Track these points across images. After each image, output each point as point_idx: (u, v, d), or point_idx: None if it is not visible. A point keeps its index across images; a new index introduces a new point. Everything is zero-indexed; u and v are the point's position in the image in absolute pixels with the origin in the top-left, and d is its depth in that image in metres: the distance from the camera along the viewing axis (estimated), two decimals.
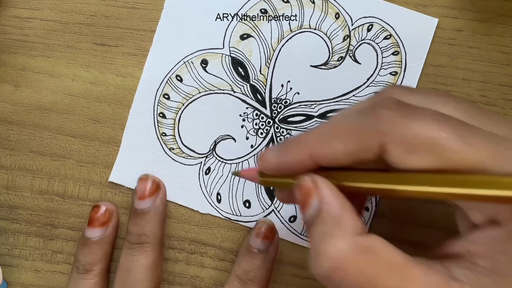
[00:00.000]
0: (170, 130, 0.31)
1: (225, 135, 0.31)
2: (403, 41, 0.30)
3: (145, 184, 0.30)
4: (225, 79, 0.31)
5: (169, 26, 0.31)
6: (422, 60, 0.30)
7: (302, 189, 0.22)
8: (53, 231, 0.31)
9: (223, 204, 0.31)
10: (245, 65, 0.31)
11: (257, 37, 0.30)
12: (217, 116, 0.31)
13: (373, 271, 0.20)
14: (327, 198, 0.21)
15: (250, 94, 0.31)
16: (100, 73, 0.31)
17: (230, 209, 0.31)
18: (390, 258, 0.20)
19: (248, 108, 0.31)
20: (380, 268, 0.20)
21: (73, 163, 0.31)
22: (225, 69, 0.31)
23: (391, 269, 0.20)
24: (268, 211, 0.31)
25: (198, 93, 0.31)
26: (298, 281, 0.31)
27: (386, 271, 0.20)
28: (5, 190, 0.31)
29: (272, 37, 0.30)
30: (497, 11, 0.30)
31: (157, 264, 0.29)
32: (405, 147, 0.19)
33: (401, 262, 0.20)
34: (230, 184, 0.31)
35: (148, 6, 0.31)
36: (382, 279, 0.19)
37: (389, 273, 0.19)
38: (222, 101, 0.31)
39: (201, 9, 0.30)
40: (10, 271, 0.31)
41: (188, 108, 0.31)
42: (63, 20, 0.31)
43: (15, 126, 0.31)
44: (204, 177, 0.31)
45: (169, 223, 0.31)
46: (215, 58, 0.31)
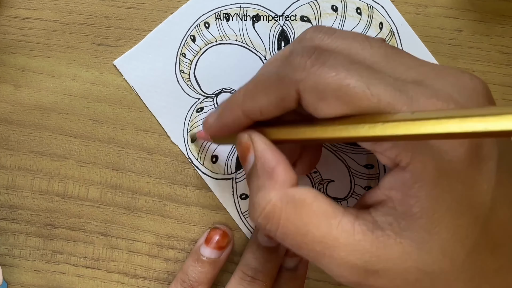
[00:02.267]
0: (191, 55, 0.31)
1: (233, 89, 0.31)
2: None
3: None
4: (265, 44, 0.31)
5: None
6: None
7: (241, 145, 0.24)
8: (53, 231, 0.31)
9: (193, 145, 0.31)
10: (288, 39, 0.31)
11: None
12: (237, 70, 0.31)
13: (301, 220, 0.21)
14: (261, 152, 0.22)
15: None
16: (100, 73, 0.31)
17: (198, 156, 0.31)
18: (319, 209, 0.21)
19: None
20: (307, 218, 0.21)
21: (73, 163, 0.31)
22: (270, 36, 0.31)
23: (318, 218, 0.21)
24: (227, 176, 0.31)
25: (235, 41, 0.31)
26: None
27: (314, 220, 0.21)
28: (5, 190, 0.31)
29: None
30: (497, 11, 0.30)
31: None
32: (316, 94, 0.20)
33: (329, 212, 0.21)
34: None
35: (148, 6, 0.31)
36: (309, 228, 0.21)
37: (316, 222, 0.21)
38: (250, 60, 0.31)
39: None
40: (10, 271, 0.31)
41: (213, 51, 0.31)
42: (63, 20, 0.31)
43: (15, 126, 0.31)
44: (193, 114, 0.31)
45: (169, 223, 0.31)
46: (268, 20, 0.31)
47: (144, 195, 0.31)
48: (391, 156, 0.20)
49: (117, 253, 0.31)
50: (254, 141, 0.23)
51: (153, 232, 0.31)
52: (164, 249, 0.31)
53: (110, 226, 0.31)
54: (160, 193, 0.31)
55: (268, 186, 0.22)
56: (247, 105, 0.23)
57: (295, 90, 0.21)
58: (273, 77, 0.22)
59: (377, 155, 0.21)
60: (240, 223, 0.31)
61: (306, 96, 0.21)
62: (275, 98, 0.22)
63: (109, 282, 0.31)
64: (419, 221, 0.20)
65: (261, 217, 0.22)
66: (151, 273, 0.31)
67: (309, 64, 0.21)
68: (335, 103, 0.20)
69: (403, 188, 0.20)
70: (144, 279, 0.31)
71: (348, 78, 0.20)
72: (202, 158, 0.31)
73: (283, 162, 0.22)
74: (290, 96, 0.21)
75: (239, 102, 0.23)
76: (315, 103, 0.20)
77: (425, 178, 0.19)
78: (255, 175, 0.22)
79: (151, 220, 0.31)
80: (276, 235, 0.22)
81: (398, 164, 0.20)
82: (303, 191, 0.21)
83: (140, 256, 0.31)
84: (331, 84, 0.20)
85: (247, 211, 0.31)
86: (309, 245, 0.21)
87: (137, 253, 0.31)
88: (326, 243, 0.21)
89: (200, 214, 0.31)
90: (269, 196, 0.21)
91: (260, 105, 0.23)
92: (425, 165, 0.19)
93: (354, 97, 0.19)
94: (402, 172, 0.20)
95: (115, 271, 0.31)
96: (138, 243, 0.31)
